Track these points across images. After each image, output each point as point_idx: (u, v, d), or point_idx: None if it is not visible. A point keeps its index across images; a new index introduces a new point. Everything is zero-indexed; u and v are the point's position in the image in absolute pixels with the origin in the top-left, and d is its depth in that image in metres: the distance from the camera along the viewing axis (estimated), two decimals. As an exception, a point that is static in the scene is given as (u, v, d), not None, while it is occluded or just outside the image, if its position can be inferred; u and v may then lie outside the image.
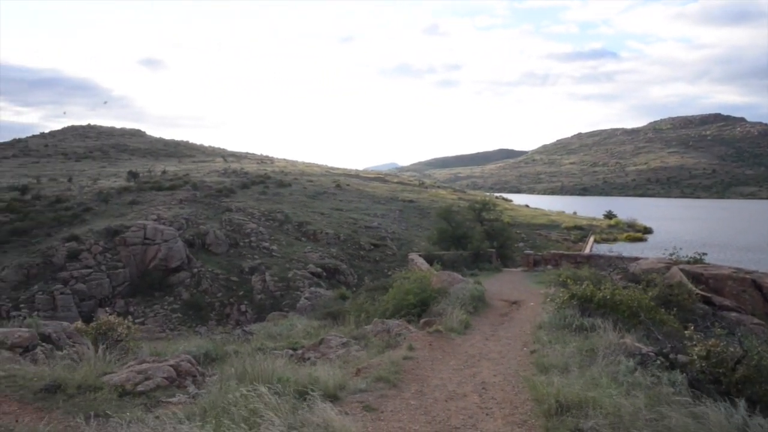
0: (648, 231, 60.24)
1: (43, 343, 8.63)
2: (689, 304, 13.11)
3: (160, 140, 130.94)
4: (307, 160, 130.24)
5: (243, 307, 34.45)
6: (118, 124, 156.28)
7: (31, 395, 6.12)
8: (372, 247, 46.39)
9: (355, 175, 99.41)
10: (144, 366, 7.20)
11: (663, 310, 10.98)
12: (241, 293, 36.15)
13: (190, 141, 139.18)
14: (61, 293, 32.44)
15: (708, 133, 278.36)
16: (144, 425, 4.80)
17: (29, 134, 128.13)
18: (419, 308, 13.01)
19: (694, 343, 7.05)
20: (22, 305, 30.99)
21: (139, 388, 6.58)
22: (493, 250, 27.36)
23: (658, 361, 7.03)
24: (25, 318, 10.09)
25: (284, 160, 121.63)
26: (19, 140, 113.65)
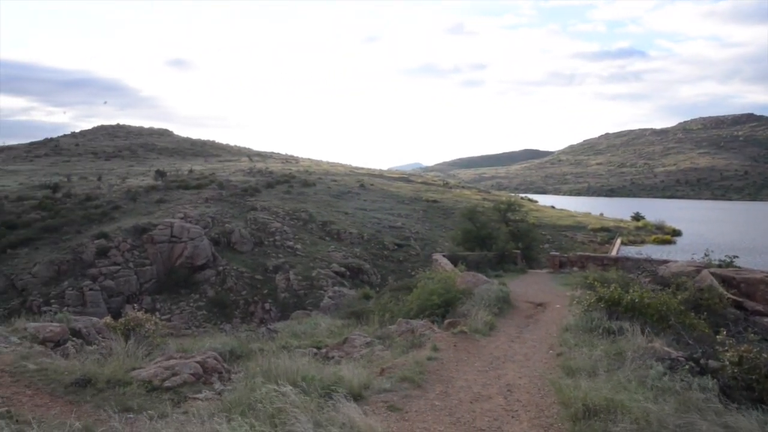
0: (677, 233, 59.03)
1: (74, 338, 8.81)
2: (720, 308, 12.79)
3: (187, 140, 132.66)
4: (331, 160, 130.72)
5: (267, 306, 34.75)
6: (147, 124, 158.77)
7: (62, 389, 6.25)
8: (396, 247, 46.40)
9: (379, 174, 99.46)
10: (171, 362, 7.30)
11: (693, 314, 10.75)
12: (265, 291, 36.47)
13: (217, 140, 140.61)
14: (90, 289, 33.12)
15: (740, 133, 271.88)
16: (171, 420, 4.86)
17: (60, 134, 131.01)
18: (443, 309, 12.96)
19: (726, 348, 6.89)
20: (52, 300, 31.72)
21: (167, 383, 6.67)
22: (518, 251, 27.10)
23: (688, 367, 6.88)
24: (56, 313, 10.30)
25: (309, 159, 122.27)
26: (51, 139, 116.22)
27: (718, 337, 7.64)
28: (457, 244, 30.49)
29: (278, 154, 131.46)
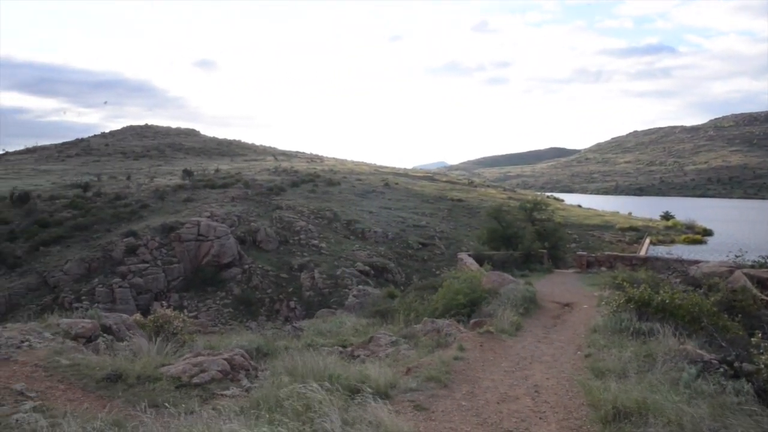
0: (708, 233, 57.72)
1: (104, 334, 8.96)
2: (754, 310, 12.47)
3: (214, 139, 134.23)
4: (356, 159, 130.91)
5: (292, 304, 34.98)
6: (174, 124, 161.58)
7: (94, 384, 6.36)
8: (420, 246, 46.31)
9: (404, 173, 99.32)
10: (199, 359, 7.38)
11: (726, 315, 10.50)
12: (290, 290, 36.71)
13: (242, 140, 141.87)
14: (120, 286, 33.74)
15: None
16: (200, 416, 4.91)
17: (91, 134, 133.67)
18: (469, 308, 12.89)
19: (761, 351, 6.70)
20: (83, 297, 32.38)
21: (195, 380, 6.74)
22: (545, 250, 26.81)
23: (722, 369, 6.72)
24: (87, 309, 10.50)
25: (333, 158, 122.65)
26: (82, 140, 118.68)
27: (752, 339, 7.43)
28: (482, 243, 30.27)
29: (303, 153, 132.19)
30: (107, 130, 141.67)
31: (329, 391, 5.46)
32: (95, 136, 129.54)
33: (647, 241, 45.95)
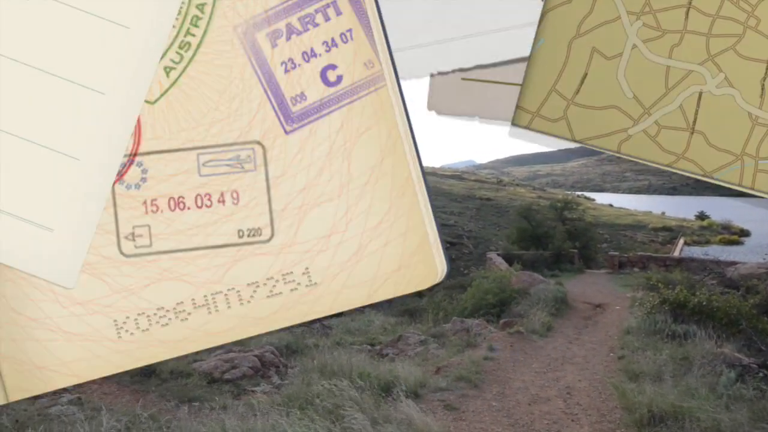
0: (745, 233, 56.20)
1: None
2: (795, 313, 12.12)
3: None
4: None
5: (321, 302, 35.27)
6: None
7: (128, 378, 6.50)
8: (448, 245, 46.11)
9: (432, 172, 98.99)
10: (231, 355, 7.48)
11: (766, 318, 10.22)
12: (319, 288, 36.99)
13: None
14: (153, 283, 34.50)
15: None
16: (233, 412, 4.98)
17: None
18: (498, 308, 12.79)
19: (803, 356, 6.52)
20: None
21: (226, 376, 6.84)
22: (575, 250, 26.42)
23: (762, 374, 6.55)
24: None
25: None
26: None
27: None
28: (511, 242, 29.96)
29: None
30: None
31: (359, 389, 5.48)
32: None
33: (681, 241, 44.94)
